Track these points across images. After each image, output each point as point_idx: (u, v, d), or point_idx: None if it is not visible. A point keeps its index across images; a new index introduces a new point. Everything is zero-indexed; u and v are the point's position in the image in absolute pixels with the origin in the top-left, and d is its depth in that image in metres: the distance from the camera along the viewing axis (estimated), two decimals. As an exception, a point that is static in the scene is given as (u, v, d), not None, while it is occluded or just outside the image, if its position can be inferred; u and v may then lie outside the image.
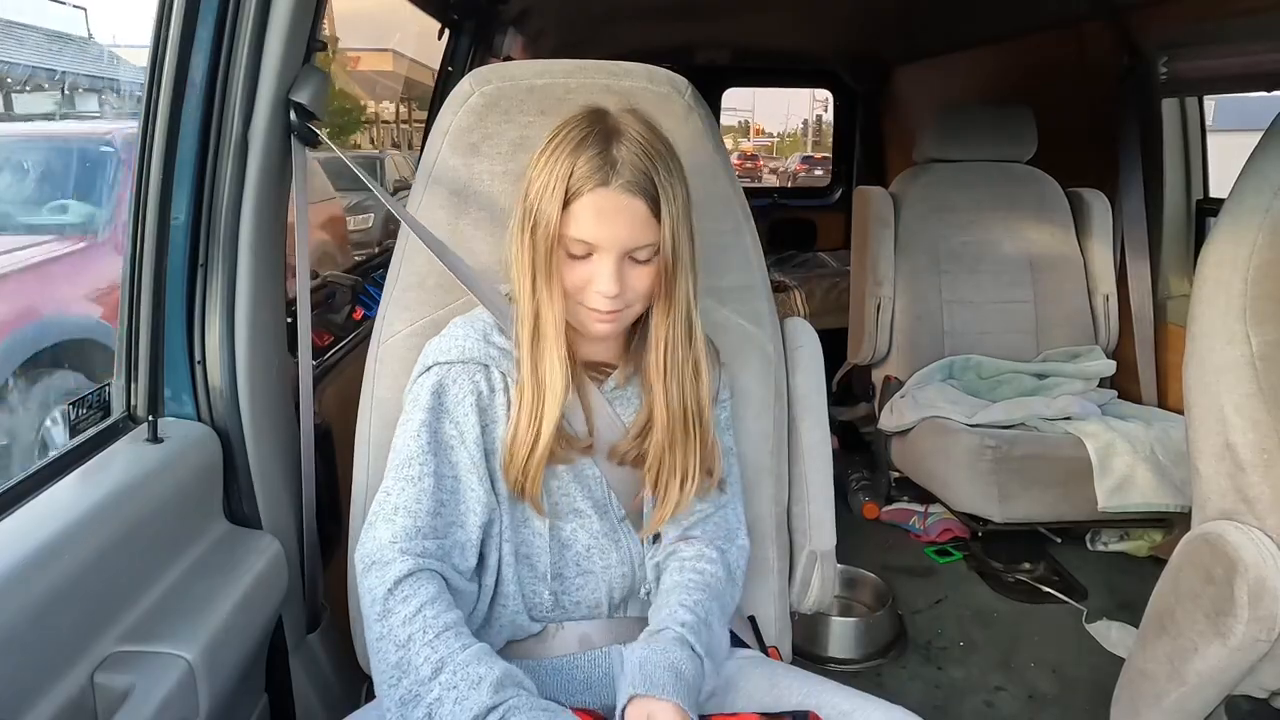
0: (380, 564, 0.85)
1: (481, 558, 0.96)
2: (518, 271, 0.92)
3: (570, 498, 0.98)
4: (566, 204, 0.88)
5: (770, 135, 34.36)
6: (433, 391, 0.92)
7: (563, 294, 0.91)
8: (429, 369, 0.94)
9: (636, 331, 0.99)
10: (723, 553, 1.01)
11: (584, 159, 0.88)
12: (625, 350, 1.01)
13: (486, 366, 0.94)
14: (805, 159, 22.58)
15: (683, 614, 0.92)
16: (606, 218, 0.88)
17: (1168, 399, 2.38)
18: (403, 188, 6.38)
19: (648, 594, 1.01)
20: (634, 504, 1.00)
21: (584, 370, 0.97)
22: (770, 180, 17.51)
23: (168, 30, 0.99)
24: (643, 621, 1.00)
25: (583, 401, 0.97)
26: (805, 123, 32.05)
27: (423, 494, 0.88)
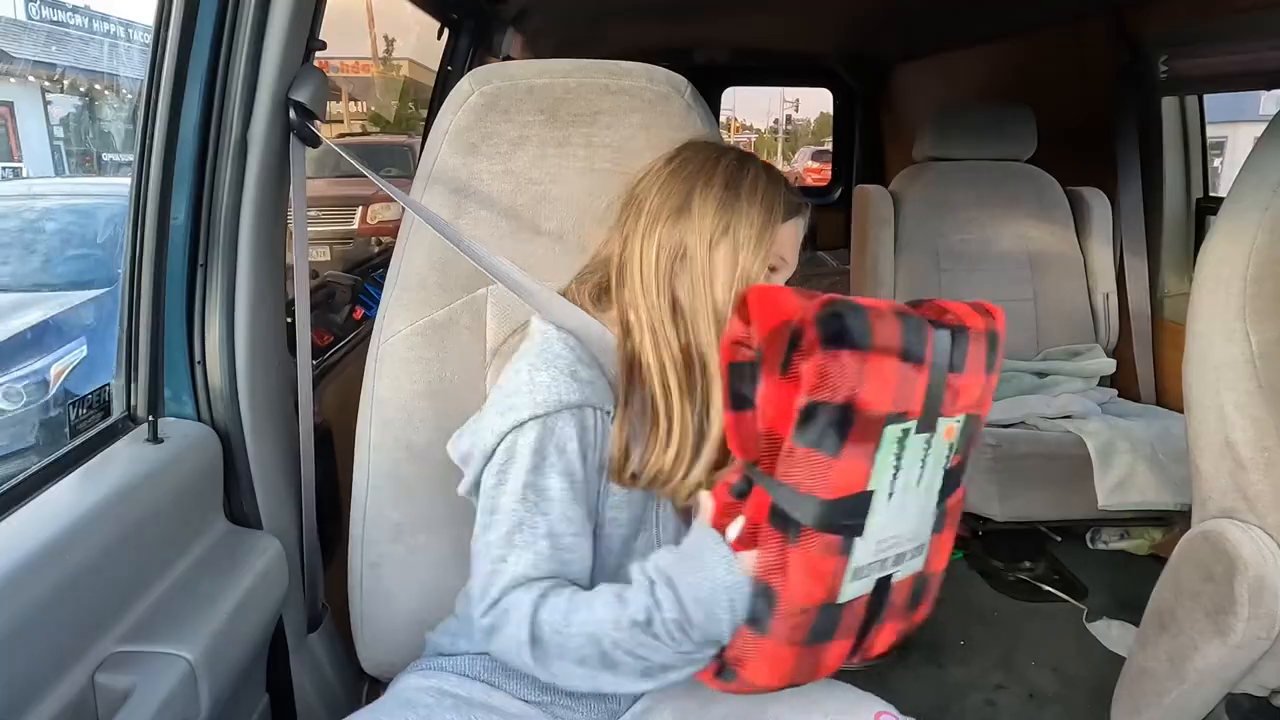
0: (510, 613, 0.83)
1: None
2: (665, 305, 0.91)
3: (617, 519, 0.95)
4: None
5: (755, 131, 34.72)
6: (533, 450, 0.86)
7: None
8: (522, 425, 0.86)
9: None
10: None
11: (777, 191, 0.93)
12: None
13: (583, 408, 0.88)
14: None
15: None
16: (797, 243, 0.97)
17: (1166, 397, 2.38)
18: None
19: None
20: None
21: None
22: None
23: (167, 30, 0.99)
24: None
25: None
26: (776, 121, 32.56)
27: (540, 559, 0.85)
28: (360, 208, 7.34)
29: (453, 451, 0.95)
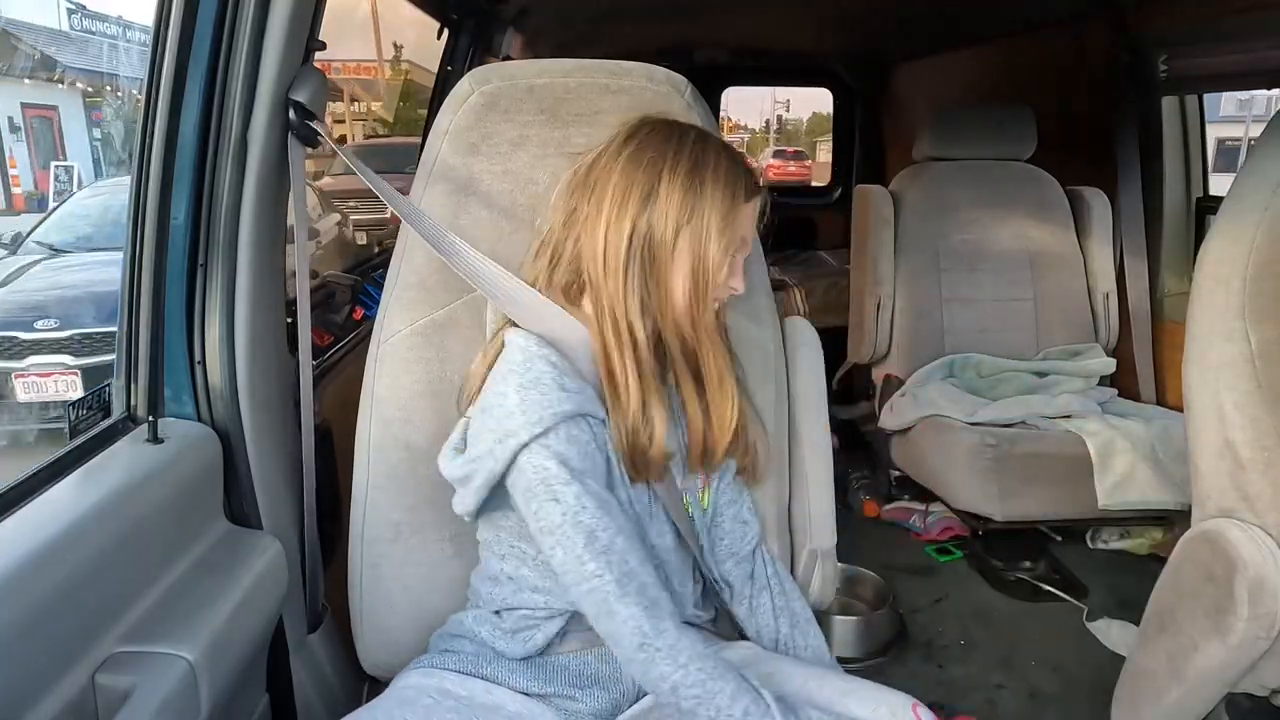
0: (661, 650, 0.86)
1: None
2: (634, 293, 0.92)
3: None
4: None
5: (750, 131, 34.59)
6: (559, 461, 0.87)
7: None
8: (526, 445, 0.87)
9: None
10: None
11: (739, 174, 0.94)
12: None
13: (584, 416, 0.90)
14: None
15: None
16: (754, 223, 0.98)
17: (1166, 397, 2.38)
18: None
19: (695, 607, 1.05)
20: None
21: None
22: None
23: (167, 30, 0.99)
24: None
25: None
26: (767, 121, 32.54)
27: (628, 553, 0.88)
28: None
29: (445, 469, 0.96)
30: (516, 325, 0.95)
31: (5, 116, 12.39)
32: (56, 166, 11.95)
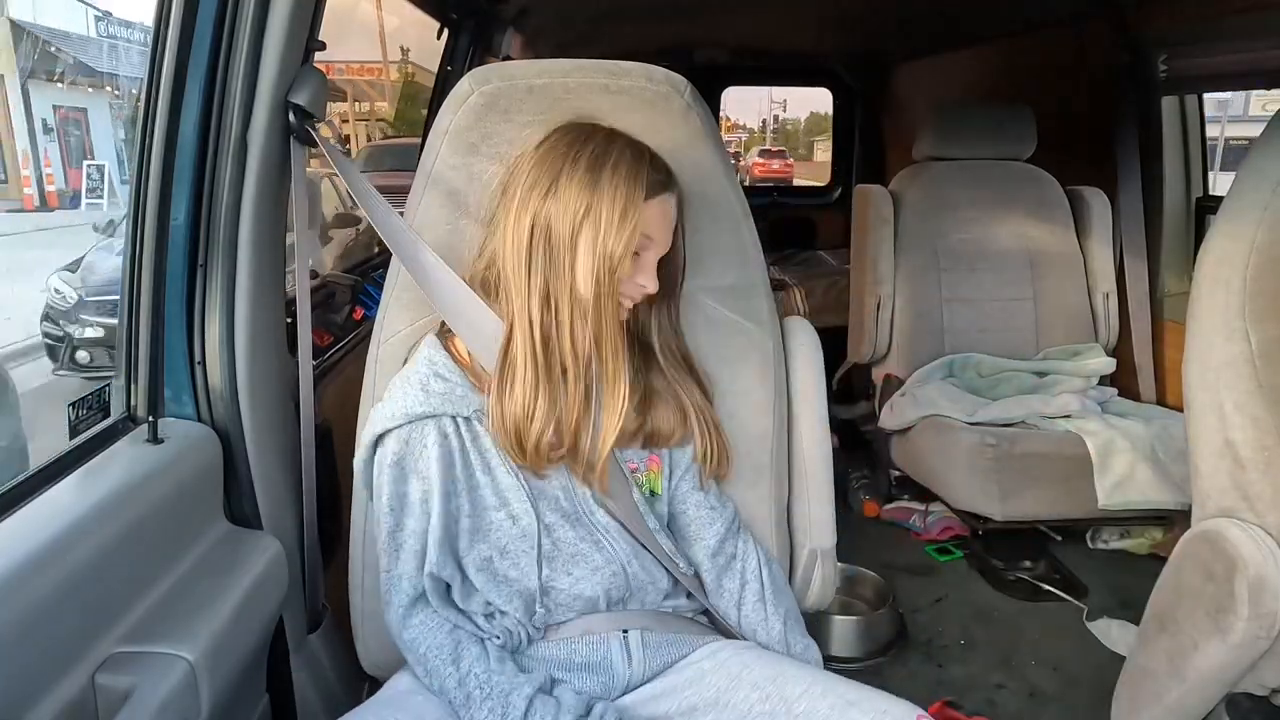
0: (412, 643, 0.96)
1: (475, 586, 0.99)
2: (535, 288, 0.94)
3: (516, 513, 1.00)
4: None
5: (748, 130, 34.51)
6: (393, 462, 0.97)
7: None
8: (379, 438, 0.98)
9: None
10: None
11: (641, 171, 0.94)
12: None
13: (436, 417, 0.96)
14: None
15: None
16: (667, 221, 0.98)
17: (1167, 396, 2.38)
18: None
19: (664, 597, 1.05)
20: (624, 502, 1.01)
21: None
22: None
23: (167, 30, 0.99)
24: (646, 613, 1.03)
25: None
26: (764, 121, 32.48)
27: (412, 558, 0.96)
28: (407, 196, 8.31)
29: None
30: (443, 328, 1.03)
31: (40, 119, 12.90)
32: (89, 165, 12.59)
